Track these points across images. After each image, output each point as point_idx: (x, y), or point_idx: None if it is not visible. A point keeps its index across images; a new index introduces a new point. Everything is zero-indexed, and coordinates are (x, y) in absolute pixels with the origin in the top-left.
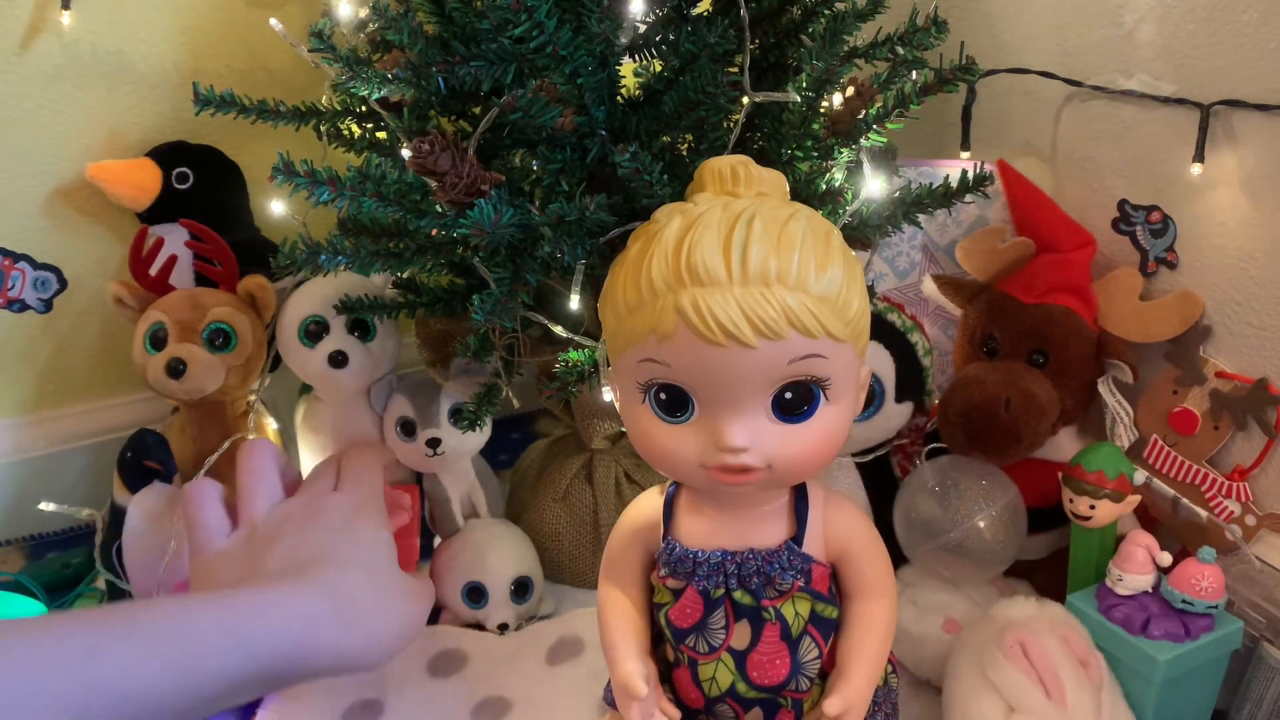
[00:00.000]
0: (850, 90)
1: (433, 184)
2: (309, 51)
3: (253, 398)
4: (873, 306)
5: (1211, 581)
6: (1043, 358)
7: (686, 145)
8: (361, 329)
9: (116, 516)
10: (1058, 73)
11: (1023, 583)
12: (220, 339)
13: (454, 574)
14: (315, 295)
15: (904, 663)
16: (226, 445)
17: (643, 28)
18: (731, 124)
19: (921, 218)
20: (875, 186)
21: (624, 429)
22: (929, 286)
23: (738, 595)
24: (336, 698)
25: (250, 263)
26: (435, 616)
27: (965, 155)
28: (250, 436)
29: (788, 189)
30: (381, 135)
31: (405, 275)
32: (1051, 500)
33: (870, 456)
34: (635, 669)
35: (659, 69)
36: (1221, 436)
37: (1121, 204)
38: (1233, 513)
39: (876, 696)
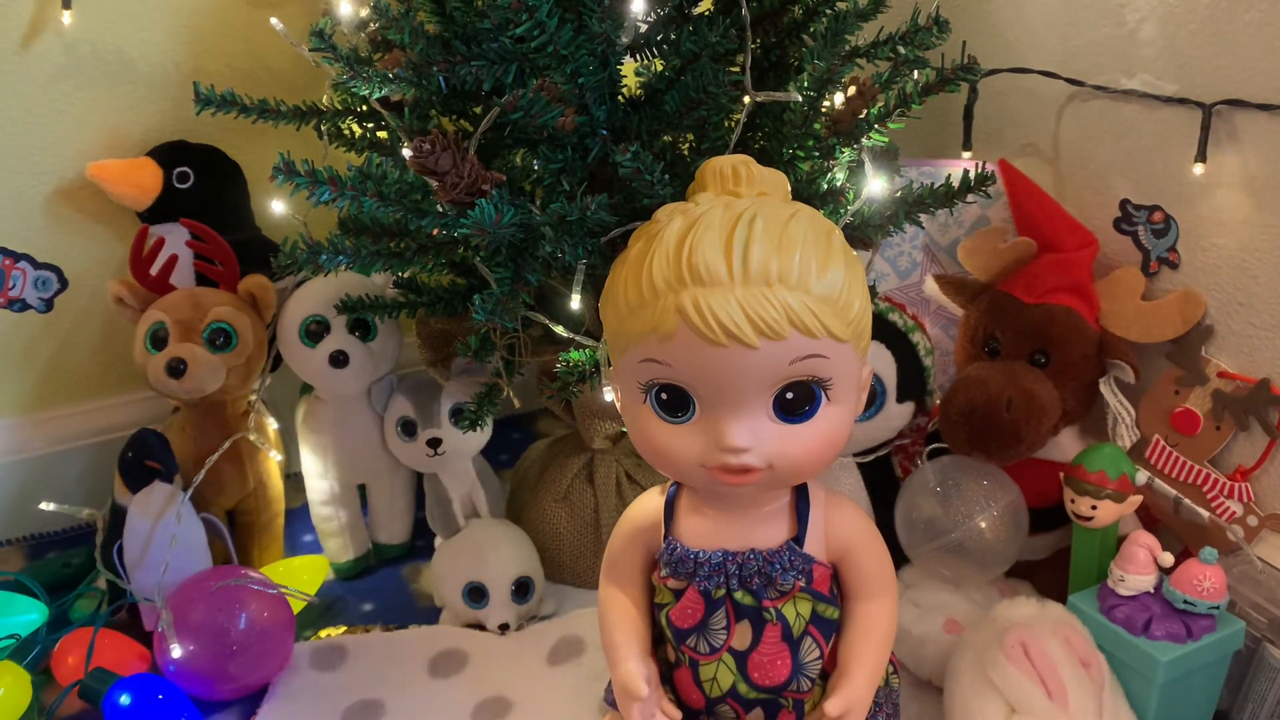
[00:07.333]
0: (852, 90)
1: (433, 184)
2: (310, 51)
3: (253, 397)
4: (874, 306)
5: (1213, 582)
6: (1044, 358)
7: (688, 145)
8: (362, 329)
9: (117, 516)
10: (1059, 72)
11: (1024, 583)
12: (221, 339)
13: (455, 574)
14: (316, 295)
15: (905, 663)
16: (227, 445)
17: (644, 27)
18: (733, 123)
19: (923, 217)
20: (877, 186)
21: (625, 429)
22: (930, 286)
23: (739, 596)
24: (337, 697)
25: (251, 262)
26: (436, 617)
27: (967, 155)
28: (251, 436)
29: (789, 189)
30: (382, 135)
31: (406, 275)
32: (1053, 500)
33: (872, 456)
34: (636, 669)
35: (660, 68)
36: (1223, 437)
37: (1123, 204)
38: (1235, 513)
39: (878, 697)
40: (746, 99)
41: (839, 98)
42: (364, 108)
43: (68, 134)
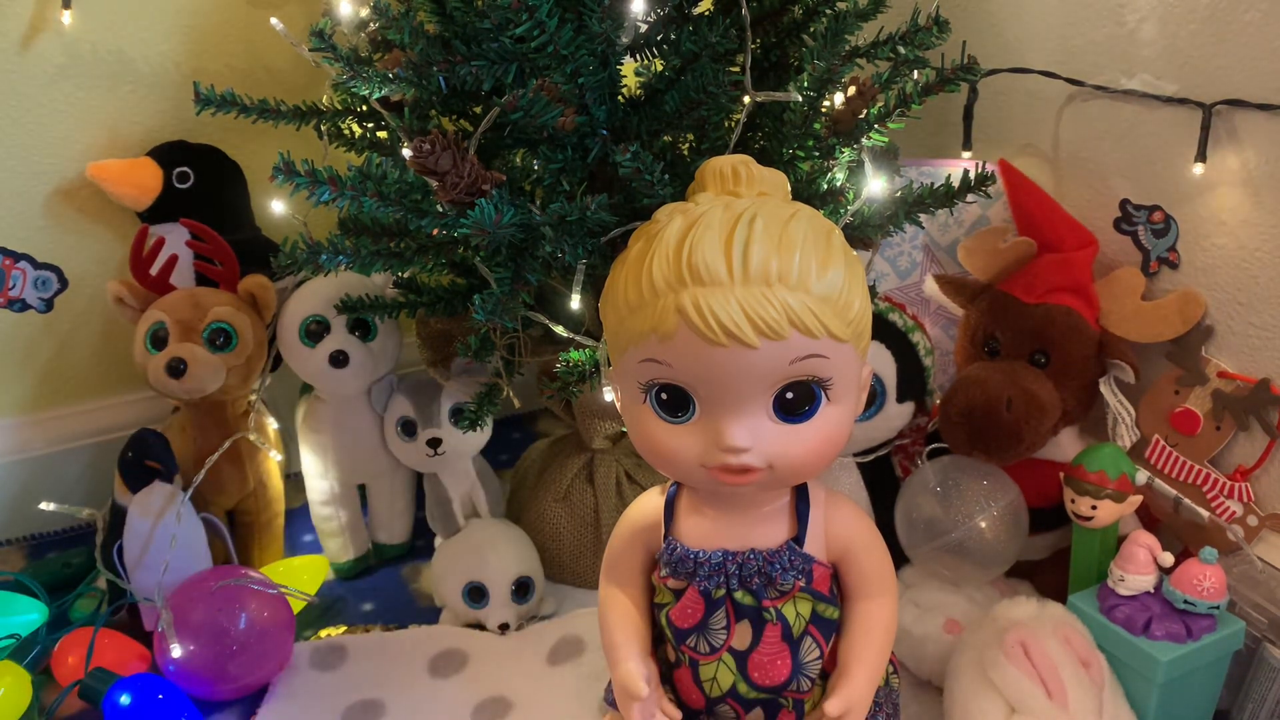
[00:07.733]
0: (852, 90)
1: (434, 183)
2: (310, 51)
3: (253, 397)
4: (874, 306)
5: (1213, 582)
6: (1044, 358)
7: (688, 145)
8: (362, 329)
9: (117, 516)
10: (1060, 72)
11: (1024, 583)
12: (221, 338)
13: (455, 574)
14: (316, 295)
15: (905, 663)
16: (227, 445)
17: (644, 27)
18: (733, 123)
19: (923, 217)
20: (877, 186)
21: (625, 429)
22: (930, 286)
23: (739, 595)
24: (337, 697)
25: (251, 262)
26: (436, 617)
27: (967, 155)
28: (251, 436)
29: (789, 189)
30: (382, 135)
31: (406, 275)
32: (1053, 500)
33: (872, 456)
34: (636, 669)
35: (660, 68)
36: (1223, 437)
37: (1123, 204)
38: (1234, 513)
39: (878, 697)
40: (746, 99)
41: (839, 98)
42: (364, 108)
43: (68, 134)
